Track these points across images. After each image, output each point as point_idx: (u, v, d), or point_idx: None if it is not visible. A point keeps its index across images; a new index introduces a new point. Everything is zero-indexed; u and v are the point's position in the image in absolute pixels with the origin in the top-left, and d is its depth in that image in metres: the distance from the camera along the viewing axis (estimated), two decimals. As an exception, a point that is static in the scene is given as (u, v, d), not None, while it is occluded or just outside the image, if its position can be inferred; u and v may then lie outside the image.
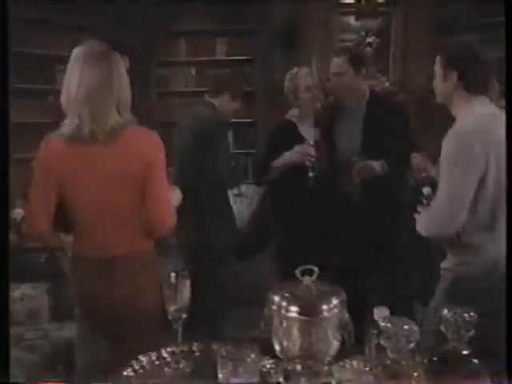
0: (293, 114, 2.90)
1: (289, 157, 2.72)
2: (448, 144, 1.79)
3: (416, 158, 2.36)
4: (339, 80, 2.80)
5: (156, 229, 1.79)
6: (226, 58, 5.12)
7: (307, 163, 2.68)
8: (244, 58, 5.05)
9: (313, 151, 2.68)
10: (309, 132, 2.84)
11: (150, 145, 1.75)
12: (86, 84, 1.67)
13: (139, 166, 1.71)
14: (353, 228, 2.74)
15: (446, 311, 1.22)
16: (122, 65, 1.76)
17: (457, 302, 1.74)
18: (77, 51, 1.75)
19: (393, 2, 4.77)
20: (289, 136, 2.80)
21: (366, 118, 2.78)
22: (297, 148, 2.71)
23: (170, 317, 1.44)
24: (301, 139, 2.78)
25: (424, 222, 1.86)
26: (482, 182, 1.74)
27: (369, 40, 4.81)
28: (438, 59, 1.93)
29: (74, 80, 1.70)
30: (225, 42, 5.16)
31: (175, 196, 1.95)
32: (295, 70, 2.92)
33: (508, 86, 1.56)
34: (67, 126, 1.72)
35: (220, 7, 4.88)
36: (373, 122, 2.74)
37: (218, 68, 5.06)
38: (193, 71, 5.25)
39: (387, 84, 4.61)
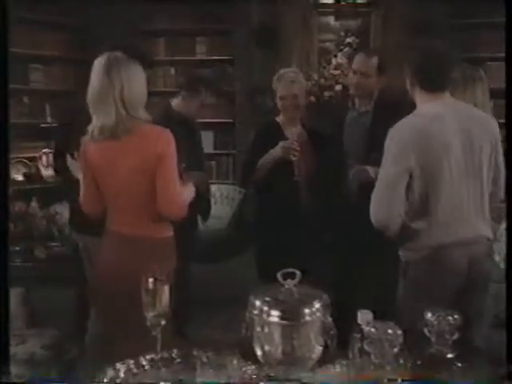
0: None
1: (273, 152, 2.68)
2: (388, 136, 1.97)
3: None
4: (363, 81, 2.72)
5: (165, 213, 2.02)
6: (206, 58, 5.09)
7: (292, 158, 2.64)
8: (224, 57, 5.02)
9: (297, 146, 2.64)
10: (293, 133, 2.79)
11: (160, 140, 2.00)
12: (94, 89, 1.99)
13: (150, 158, 1.97)
14: (340, 231, 2.73)
15: (429, 314, 1.21)
16: (130, 71, 2.00)
17: (412, 287, 1.93)
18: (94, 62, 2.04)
19: (372, 2, 4.78)
20: (273, 137, 2.76)
21: (372, 122, 2.75)
22: (281, 143, 2.67)
23: (148, 323, 1.40)
24: (285, 139, 2.74)
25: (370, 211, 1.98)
26: (410, 174, 1.91)
27: (348, 40, 4.81)
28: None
29: (90, 87, 2.01)
30: (204, 42, 5.13)
31: (189, 190, 2.19)
32: (281, 71, 2.86)
33: (508, 86, 1.60)
34: (90, 126, 2.03)
35: (199, 6, 4.84)
36: (378, 126, 2.71)
37: (198, 67, 5.03)
38: (172, 71, 5.21)
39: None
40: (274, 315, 1.34)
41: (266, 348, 1.37)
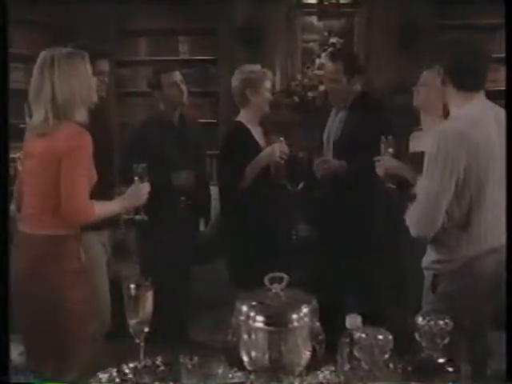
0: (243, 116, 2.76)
1: (264, 157, 2.62)
2: (431, 143, 1.83)
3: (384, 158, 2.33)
4: (334, 87, 2.78)
5: (65, 216, 1.95)
6: (189, 58, 5.04)
7: (281, 160, 2.63)
8: (207, 57, 4.98)
9: (287, 149, 2.63)
10: (259, 135, 2.75)
11: (69, 141, 1.94)
12: (31, 87, 1.99)
13: (57, 158, 1.93)
14: (326, 233, 2.73)
15: (420, 319, 1.18)
16: (68, 71, 1.94)
17: (443, 300, 1.82)
18: None
19: (355, 2, 4.77)
20: (243, 140, 2.69)
21: (346, 122, 2.77)
22: (275, 146, 2.62)
23: (131, 330, 1.35)
24: (255, 143, 2.69)
25: (409, 222, 1.89)
26: (457, 182, 1.79)
27: (332, 41, 4.79)
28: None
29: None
30: (187, 41, 5.08)
31: (140, 192, 2.14)
32: (253, 67, 2.80)
33: (508, 86, 1.57)
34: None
35: (182, 5, 4.79)
36: (351, 126, 2.72)
37: (181, 67, 4.97)
38: (154, 71, 5.14)
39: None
40: (260, 321, 1.31)
41: (253, 354, 1.34)
